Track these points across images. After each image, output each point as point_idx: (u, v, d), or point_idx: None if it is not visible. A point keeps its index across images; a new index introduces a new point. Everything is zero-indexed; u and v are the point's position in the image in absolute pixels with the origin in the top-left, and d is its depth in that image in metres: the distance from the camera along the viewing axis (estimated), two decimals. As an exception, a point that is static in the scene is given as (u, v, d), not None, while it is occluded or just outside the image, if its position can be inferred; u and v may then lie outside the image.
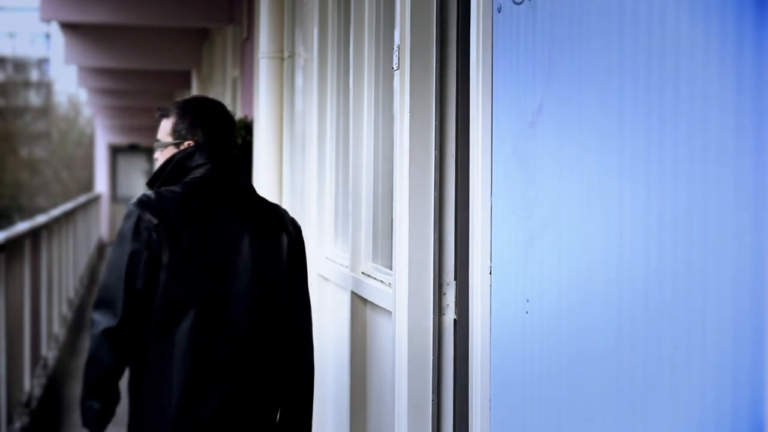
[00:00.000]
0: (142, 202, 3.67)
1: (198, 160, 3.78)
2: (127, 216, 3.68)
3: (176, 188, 3.72)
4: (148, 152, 29.37)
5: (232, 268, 3.69)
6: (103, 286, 3.67)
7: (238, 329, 3.67)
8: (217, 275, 3.67)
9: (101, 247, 26.12)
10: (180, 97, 16.61)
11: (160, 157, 3.91)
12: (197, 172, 3.77)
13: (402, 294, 3.45)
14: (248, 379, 3.69)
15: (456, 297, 3.38)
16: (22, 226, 10.28)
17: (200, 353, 3.64)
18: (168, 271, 3.62)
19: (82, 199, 21.97)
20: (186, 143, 3.84)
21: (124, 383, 3.88)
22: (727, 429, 1.63)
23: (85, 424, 3.77)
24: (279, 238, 3.78)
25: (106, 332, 3.63)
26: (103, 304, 3.65)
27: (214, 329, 3.65)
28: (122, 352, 3.65)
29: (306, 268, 3.88)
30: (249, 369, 3.69)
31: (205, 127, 3.83)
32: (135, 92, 16.93)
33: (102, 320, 3.64)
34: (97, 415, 3.72)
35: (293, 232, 3.82)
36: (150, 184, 3.84)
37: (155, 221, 3.63)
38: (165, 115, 3.90)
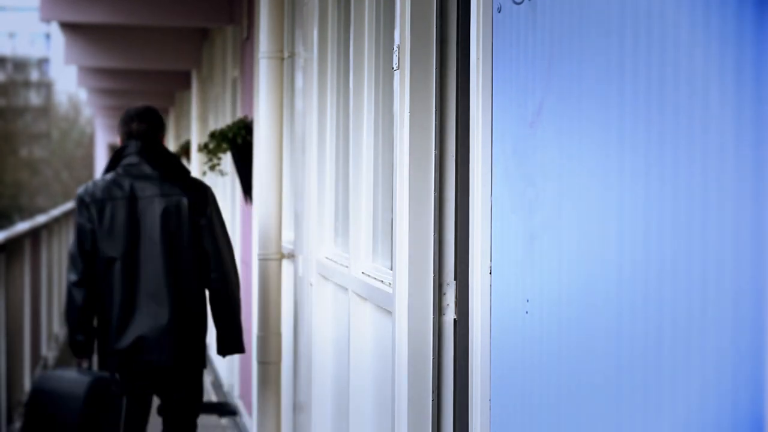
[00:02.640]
0: (83, 191, 5.34)
1: (128, 150, 5.39)
2: (76, 201, 5.38)
3: (109, 175, 5.35)
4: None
5: (144, 229, 5.26)
6: (69, 253, 5.36)
7: (153, 272, 5.25)
8: (133, 235, 5.26)
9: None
10: (179, 97, 16.62)
11: None
12: (128, 159, 5.36)
13: (402, 294, 3.45)
14: (165, 308, 5.22)
15: (456, 297, 3.38)
16: (22, 226, 10.29)
17: (126, 291, 5.24)
18: (99, 235, 5.28)
19: (82, 199, 21.91)
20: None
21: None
22: (727, 428, 1.63)
23: (76, 353, 5.36)
24: (180, 202, 5.29)
25: (75, 284, 5.28)
26: (70, 265, 5.31)
27: (134, 274, 5.26)
28: (88, 296, 5.28)
29: (213, 219, 5.34)
30: (164, 301, 5.23)
31: (127, 127, 5.43)
32: (135, 92, 16.89)
33: (71, 276, 5.29)
34: (83, 345, 5.33)
35: (194, 195, 5.32)
36: (106, 169, 5.41)
37: (88, 201, 5.30)
38: None
